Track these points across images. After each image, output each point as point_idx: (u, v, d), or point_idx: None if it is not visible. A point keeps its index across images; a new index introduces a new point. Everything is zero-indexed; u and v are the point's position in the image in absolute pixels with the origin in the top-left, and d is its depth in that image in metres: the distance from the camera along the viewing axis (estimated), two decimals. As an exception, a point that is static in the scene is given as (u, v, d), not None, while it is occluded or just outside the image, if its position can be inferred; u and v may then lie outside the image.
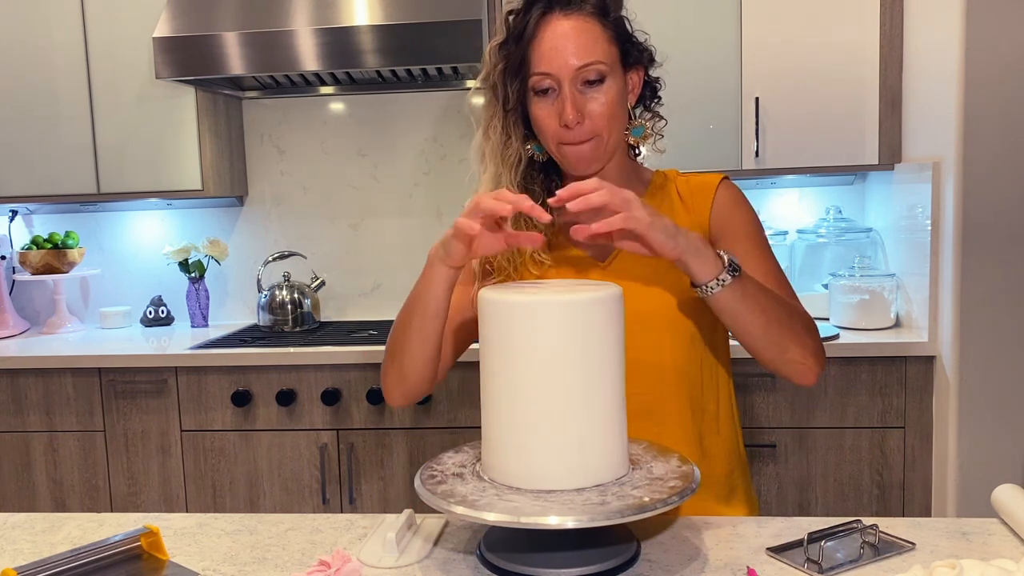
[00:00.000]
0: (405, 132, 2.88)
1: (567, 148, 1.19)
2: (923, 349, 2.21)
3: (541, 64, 1.15)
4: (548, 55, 1.15)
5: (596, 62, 1.15)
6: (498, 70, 1.19)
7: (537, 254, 1.23)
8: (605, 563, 0.95)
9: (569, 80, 1.15)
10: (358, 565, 0.99)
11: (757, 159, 2.42)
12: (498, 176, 1.23)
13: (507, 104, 1.20)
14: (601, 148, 1.19)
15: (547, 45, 1.15)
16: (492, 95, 1.22)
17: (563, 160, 1.21)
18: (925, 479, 2.25)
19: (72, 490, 2.49)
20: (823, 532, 1.01)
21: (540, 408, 0.94)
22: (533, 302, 0.93)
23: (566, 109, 1.14)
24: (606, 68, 1.16)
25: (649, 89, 1.26)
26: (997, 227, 2.05)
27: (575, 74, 1.15)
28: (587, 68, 1.15)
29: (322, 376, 2.38)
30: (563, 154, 1.20)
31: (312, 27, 2.34)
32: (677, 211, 1.26)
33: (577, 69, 1.14)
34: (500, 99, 1.20)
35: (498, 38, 1.20)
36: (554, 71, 1.15)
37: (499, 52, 1.20)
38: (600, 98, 1.16)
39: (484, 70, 1.22)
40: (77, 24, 2.61)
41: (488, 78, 1.22)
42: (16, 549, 1.10)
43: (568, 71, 1.14)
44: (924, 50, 2.25)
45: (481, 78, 1.23)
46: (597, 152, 1.19)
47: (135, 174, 2.65)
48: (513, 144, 1.22)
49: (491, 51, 1.21)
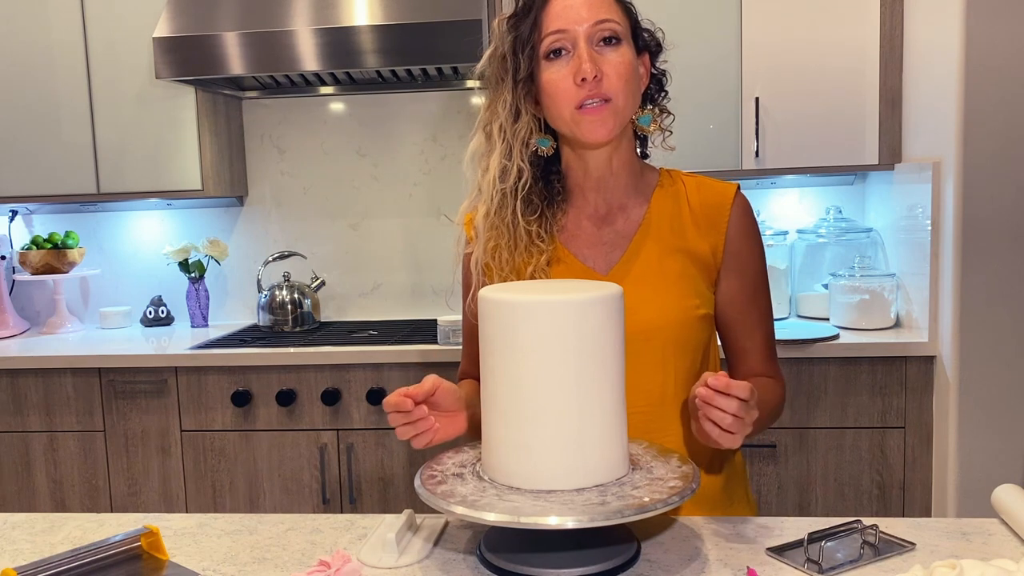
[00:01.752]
0: (405, 132, 2.88)
1: (584, 112, 1.13)
2: (923, 349, 2.21)
3: (555, 23, 1.12)
4: (562, 14, 1.12)
5: (611, 20, 1.13)
6: (508, 41, 1.16)
7: (538, 274, 1.19)
8: (605, 563, 0.95)
9: (584, 36, 1.12)
10: (358, 565, 0.99)
11: (757, 159, 2.42)
12: (507, 151, 1.19)
13: (517, 74, 1.15)
14: (615, 115, 1.13)
15: (560, 5, 1.13)
16: (500, 69, 1.18)
17: (577, 128, 1.14)
18: (925, 479, 2.25)
19: (72, 490, 2.49)
20: (823, 532, 1.01)
21: (540, 408, 0.94)
22: (533, 302, 0.93)
23: (584, 63, 1.11)
24: (621, 30, 1.14)
25: (655, 82, 1.24)
26: (997, 227, 2.05)
27: (590, 29, 1.12)
28: (602, 25, 1.12)
29: (322, 376, 2.38)
30: (579, 119, 1.13)
31: (312, 27, 2.34)
32: (685, 221, 1.21)
33: (592, 25, 1.12)
34: (510, 70, 1.16)
35: (507, 12, 1.17)
36: (569, 26, 1.12)
37: (508, 23, 1.16)
38: (616, 58, 1.13)
39: (491, 45, 1.18)
40: (77, 24, 2.61)
41: (496, 51, 1.18)
42: (16, 549, 1.10)
43: (583, 24, 1.12)
44: (924, 50, 2.25)
45: (488, 55, 1.19)
46: (612, 119, 1.13)
47: (135, 174, 2.65)
48: (523, 117, 1.18)
49: (499, 23, 1.17)
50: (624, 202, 1.23)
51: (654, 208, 1.22)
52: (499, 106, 1.19)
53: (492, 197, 1.20)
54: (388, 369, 2.36)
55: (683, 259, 1.19)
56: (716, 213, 1.21)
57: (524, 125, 1.18)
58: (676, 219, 1.21)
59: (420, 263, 2.92)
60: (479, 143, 1.23)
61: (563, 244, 1.22)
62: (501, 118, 1.18)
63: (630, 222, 1.22)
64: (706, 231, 1.21)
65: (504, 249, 1.21)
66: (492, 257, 1.22)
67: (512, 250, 1.20)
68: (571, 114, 1.14)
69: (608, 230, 1.22)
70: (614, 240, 1.22)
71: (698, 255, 1.20)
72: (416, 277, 2.92)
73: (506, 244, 1.20)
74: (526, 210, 1.20)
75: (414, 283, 2.92)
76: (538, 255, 1.20)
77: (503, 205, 1.20)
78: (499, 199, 1.20)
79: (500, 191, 1.19)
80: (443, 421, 1.09)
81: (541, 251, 1.20)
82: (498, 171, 1.19)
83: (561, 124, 1.17)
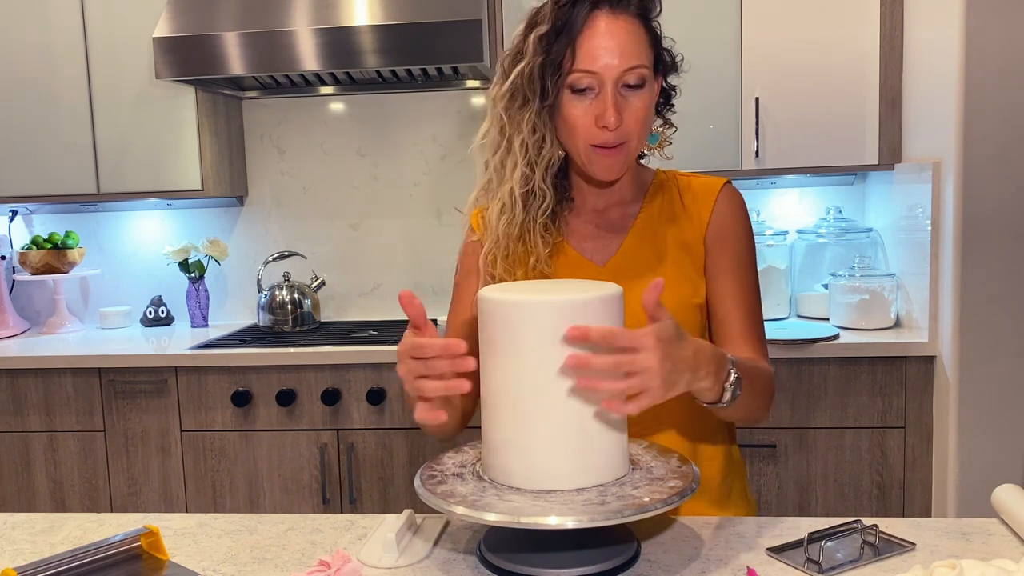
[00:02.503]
0: (405, 132, 2.88)
1: (599, 152, 1.15)
2: (923, 349, 2.21)
3: (586, 61, 1.12)
4: (594, 53, 1.12)
5: (640, 65, 1.13)
6: (538, 62, 1.15)
7: (541, 265, 1.21)
8: (605, 563, 0.95)
9: (613, 81, 1.12)
10: (358, 565, 0.99)
11: (757, 159, 2.42)
12: (527, 175, 1.19)
13: (545, 99, 1.15)
14: (628, 156, 1.17)
15: (594, 43, 1.12)
16: (527, 87, 1.16)
17: (589, 164, 1.17)
18: (925, 479, 2.25)
19: (72, 490, 2.49)
20: (823, 532, 1.01)
21: (540, 408, 0.94)
22: (533, 302, 0.93)
23: (608, 111, 1.11)
24: (647, 73, 1.14)
25: (664, 96, 1.25)
26: (997, 227, 2.05)
27: (620, 76, 1.12)
28: (632, 71, 1.12)
29: (322, 376, 2.38)
30: (592, 159, 1.16)
31: (312, 27, 2.34)
32: (678, 215, 1.25)
33: (623, 71, 1.12)
34: (537, 92, 1.15)
35: (542, 28, 1.15)
36: (599, 70, 1.12)
37: (541, 43, 1.15)
38: (638, 103, 1.14)
39: (524, 59, 1.16)
40: (77, 24, 2.61)
41: (525, 68, 1.16)
42: (16, 549, 1.10)
43: (613, 72, 1.11)
44: (924, 50, 2.25)
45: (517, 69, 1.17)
46: (625, 160, 1.16)
47: (135, 174, 2.65)
48: (547, 143, 1.18)
49: (534, 41, 1.16)
50: (621, 199, 1.27)
51: (648, 204, 1.27)
52: (523, 124, 1.18)
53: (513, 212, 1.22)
54: (388, 369, 2.36)
55: (677, 250, 1.23)
56: (703, 201, 1.25)
57: (548, 151, 1.19)
58: (670, 212, 1.25)
59: (420, 263, 2.92)
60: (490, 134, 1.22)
61: (563, 238, 1.26)
62: (524, 136, 1.19)
63: (626, 216, 1.26)
64: (695, 219, 1.24)
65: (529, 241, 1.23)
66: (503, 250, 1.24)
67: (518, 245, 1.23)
68: (586, 150, 1.16)
69: (605, 224, 1.27)
70: (611, 233, 1.26)
71: (688, 244, 1.24)
72: (416, 277, 2.92)
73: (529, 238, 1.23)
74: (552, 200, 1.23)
75: (414, 283, 2.92)
76: (544, 246, 1.23)
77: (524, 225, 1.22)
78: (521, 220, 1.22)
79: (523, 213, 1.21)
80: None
81: (547, 243, 1.23)
82: (520, 193, 1.20)
83: (573, 152, 1.19)
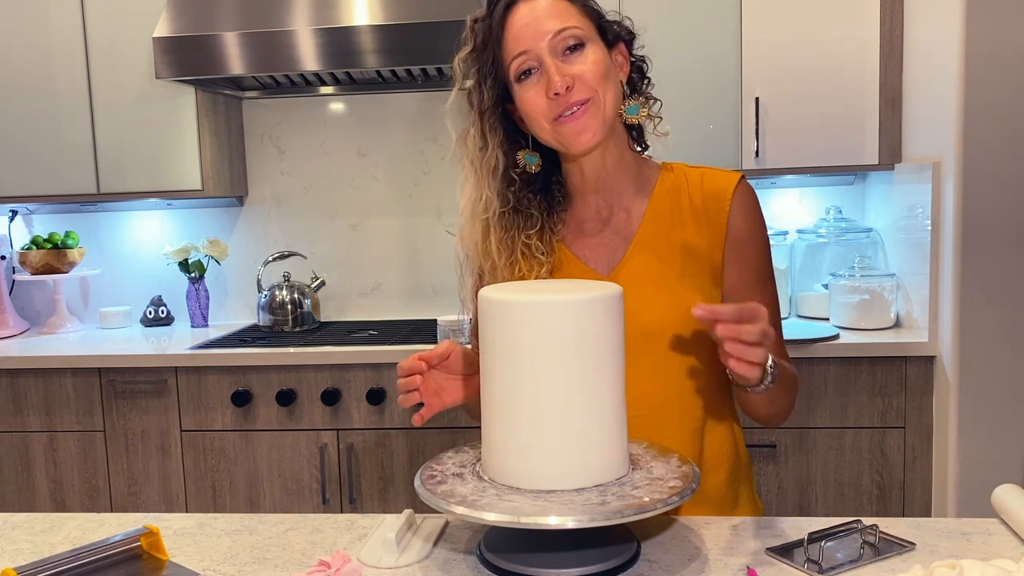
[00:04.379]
0: (405, 132, 2.88)
1: (563, 122, 1.12)
2: (923, 349, 2.21)
3: (516, 46, 1.12)
4: (520, 35, 1.12)
5: (571, 26, 1.12)
6: (472, 73, 1.16)
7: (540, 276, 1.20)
8: (605, 563, 0.95)
9: (548, 50, 1.11)
10: (358, 565, 0.99)
11: (757, 159, 2.42)
12: (479, 186, 1.20)
13: (482, 105, 1.16)
14: (598, 114, 1.12)
15: (517, 27, 1.13)
16: (467, 104, 1.18)
17: (561, 138, 1.14)
18: (925, 479, 2.25)
19: (72, 490, 2.49)
20: (823, 532, 1.01)
21: (540, 408, 0.93)
22: (533, 302, 0.93)
23: (552, 78, 1.10)
24: (583, 33, 1.12)
25: (636, 70, 1.22)
26: (997, 227, 2.05)
27: (552, 43, 1.11)
28: (563, 33, 1.11)
29: (322, 376, 2.38)
30: (559, 131, 1.13)
31: (312, 27, 2.34)
32: (687, 218, 1.20)
33: (553, 36, 1.11)
34: (476, 104, 1.17)
35: (466, 47, 1.18)
36: (530, 45, 1.11)
37: (467, 61, 1.17)
38: (585, 59, 1.12)
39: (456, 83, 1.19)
40: (77, 24, 2.61)
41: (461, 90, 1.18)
42: (16, 549, 1.10)
43: (542, 40, 1.11)
44: (924, 50, 2.25)
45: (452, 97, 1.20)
46: (595, 120, 1.13)
47: (135, 174, 2.65)
48: (489, 148, 1.18)
49: (460, 62, 1.18)
50: (625, 201, 1.23)
51: (655, 206, 1.22)
52: (468, 139, 1.20)
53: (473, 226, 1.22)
54: (388, 369, 2.36)
55: (684, 257, 1.19)
56: (717, 205, 1.20)
57: (491, 156, 1.19)
58: (677, 216, 1.21)
59: (420, 263, 2.92)
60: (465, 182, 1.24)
61: (565, 247, 1.23)
62: (469, 149, 1.20)
63: (631, 222, 1.22)
64: (707, 225, 1.20)
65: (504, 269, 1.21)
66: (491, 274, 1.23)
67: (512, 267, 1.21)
68: (551, 128, 1.14)
69: (609, 231, 1.22)
70: (615, 241, 1.21)
71: (699, 252, 1.19)
72: (416, 277, 2.92)
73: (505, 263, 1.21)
74: (526, 224, 1.21)
75: (414, 283, 2.92)
76: (538, 267, 1.20)
77: (486, 234, 1.21)
78: (482, 228, 1.21)
79: (481, 225, 1.21)
80: (449, 384, 1.15)
81: (542, 263, 1.20)
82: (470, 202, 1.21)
83: (546, 139, 1.17)
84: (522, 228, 1.20)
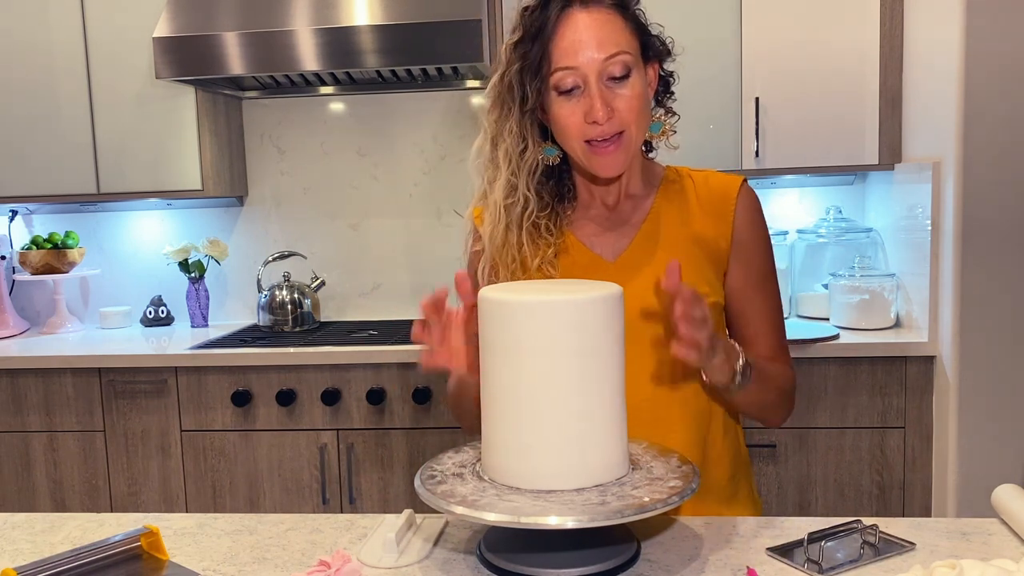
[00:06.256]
0: (405, 132, 2.88)
1: (595, 150, 1.14)
2: (923, 349, 2.21)
3: (565, 59, 1.11)
4: (571, 49, 1.11)
5: (622, 52, 1.11)
6: (515, 69, 1.14)
7: (545, 266, 1.20)
8: (605, 563, 0.95)
9: (596, 74, 1.11)
10: (358, 565, 0.99)
11: (757, 159, 2.42)
12: (512, 182, 1.19)
13: (525, 104, 1.15)
14: (628, 147, 1.15)
15: (569, 39, 1.11)
16: (507, 95, 1.16)
17: (588, 162, 1.16)
18: (925, 479, 2.25)
19: (72, 490, 2.49)
20: (823, 532, 1.01)
21: (540, 408, 0.94)
22: (533, 302, 0.93)
23: (595, 105, 1.10)
24: (631, 60, 1.12)
25: (663, 84, 1.23)
26: (997, 227, 2.05)
27: (601, 67, 1.11)
28: (613, 60, 1.11)
29: (322, 376, 2.38)
30: (589, 156, 1.15)
31: (312, 27, 2.34)
32: (692, 213, 1.22)
33: (603, 61, 1.10)
34: (517, 99, 1.15)
35: (515, 35, 1.15)
36: (580, 65, 1.11)
37: (516, 50, 1.14)
38: (627, 93, 1.12)
39: (498, 70, 1.17)
40: (77, 24, 2.61)
41: (503, 78, 1.16)
42: (16, 549, 1.10)
43: (594, 65, 1.10)
44: (924, 50, 2.25)
45: (495, 79, 1.18)
46: (624, 152, 1.14)
47: (135, 174, 2.65)
48: (530, 148, 1.18)
49: (507, 49, 1.16)
50: (632, 192, 1.25)
51: (661, 199, 1.24)
52: (506, 132, 1.18)
53: (498, 219, 1.21)
54: (388, 369, 2.36)
55: (691, 247, 1.20)
56: (722, 202, 1.22)
57: (531, 157, 1.18)
58: (684, 209, 1.23)
59: (420, 263, 2.92)
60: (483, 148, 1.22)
61: (571, 232, 1.24)
62: (507, 144, 1.18)
63: (638, 211, 1.24)
64: (714, 220, 1.22)
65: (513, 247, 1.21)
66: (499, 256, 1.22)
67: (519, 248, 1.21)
68: (582, 149, 1.15)
69: (616, 219, 1.24)
70: (622, 229, 1.23)
71: (707, 243, 1.21)
72: (416, 277, 2.92)
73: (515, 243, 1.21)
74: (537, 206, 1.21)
75: (414, 283, 2.92)
76: (545, 247, 1.21)
77: (508, 230, 1.21)
78: (504, 225, 1.21)
79: (505, 219, 1.20)
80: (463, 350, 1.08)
81: (549, 243, 1.21)
82: (503, 198, 1.20)
83: (572, 154, 1.18)
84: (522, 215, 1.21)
